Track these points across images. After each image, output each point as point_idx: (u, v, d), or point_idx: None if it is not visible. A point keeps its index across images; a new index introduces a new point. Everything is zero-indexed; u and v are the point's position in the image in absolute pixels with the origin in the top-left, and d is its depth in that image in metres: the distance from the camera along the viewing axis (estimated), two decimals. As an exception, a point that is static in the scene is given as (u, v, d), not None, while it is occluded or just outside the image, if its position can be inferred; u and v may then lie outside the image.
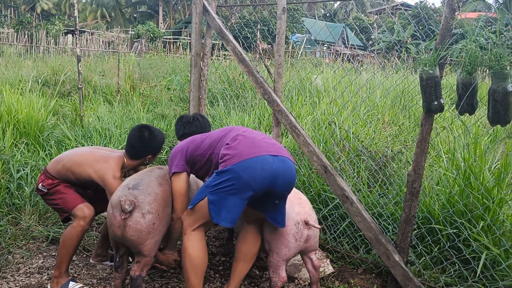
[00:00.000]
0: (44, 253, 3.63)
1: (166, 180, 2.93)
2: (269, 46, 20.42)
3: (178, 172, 2.85)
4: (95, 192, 3.36)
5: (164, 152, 5.36)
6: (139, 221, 2.72)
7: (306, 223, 2.86)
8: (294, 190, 3.09)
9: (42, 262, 3.49)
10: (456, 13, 2.71)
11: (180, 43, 25.52)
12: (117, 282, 2.95)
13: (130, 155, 3.22)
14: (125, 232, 2.72)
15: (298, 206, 2.94)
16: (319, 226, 2.93)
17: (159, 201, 2.80)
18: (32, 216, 4.02)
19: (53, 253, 3.62)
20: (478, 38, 2.51)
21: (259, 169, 2.52)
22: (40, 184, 3.22)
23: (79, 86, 6.42)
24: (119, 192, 2.80)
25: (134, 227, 2.71)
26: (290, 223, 2.85)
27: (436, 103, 2.68)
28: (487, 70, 2.49)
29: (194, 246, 2.69)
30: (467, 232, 3.05)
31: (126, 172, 3.27)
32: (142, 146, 3.21)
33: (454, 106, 2.77)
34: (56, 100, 7.32)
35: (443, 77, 2.84)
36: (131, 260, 3.21)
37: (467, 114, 2.67)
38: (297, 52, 19.24)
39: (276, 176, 2.56)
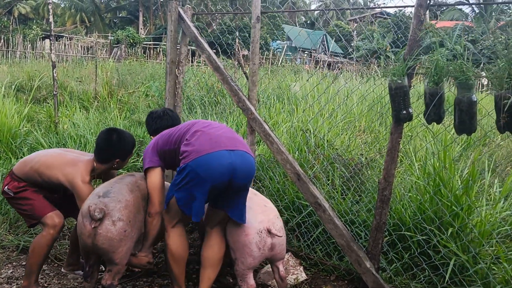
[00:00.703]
0: (14, 263, 3.57)
1: (138, 187, 2.94)
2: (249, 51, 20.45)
3: (152, 167, 2.91)
4: (63, 196, 3.31)
5: (141, 159, 5.33)
6: (109, 229, 2.70)
7: (269, 232, 2.84)
8: (260, 197, 3.11)
9: (11, 272, 3.44)
10: (423, 24, 2.77)
11: (160, 49, 25.43)
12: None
13: (98, 159, 3.16)
14: (95, 240, 2.69)
15: (261, 215, 2.92)
16: (281, 235, 2.87)
17: (130, 208, 2.80)
18: (3, 225, 3.96)
19: (23, 263, 3.56)
20: (455, 46, 2.57)
21: (215, 164, 2.62)
22: (6, 187, 3.14)
23: (54, 93, 6.35)
24: (89, 200, 2.78)
25: (105, 235, 2.69)
26: (253, 231, 2.83)
27: (404, 112, 2.73)
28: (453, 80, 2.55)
29: (175, 241, 2.88)
30: (437, 238, 3.10)
31: (95, 175, 3.24)
32: (110, 149, 3.15)
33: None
34: (31, 106, 7.22)
35: (412, 86, 2.90)
36: (103, 269, 3.18)
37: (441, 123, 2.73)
38: (278, 58, 19.35)
39: (234, 169, 2.66)
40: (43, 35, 27.24)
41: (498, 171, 4.62)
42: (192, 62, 17.39)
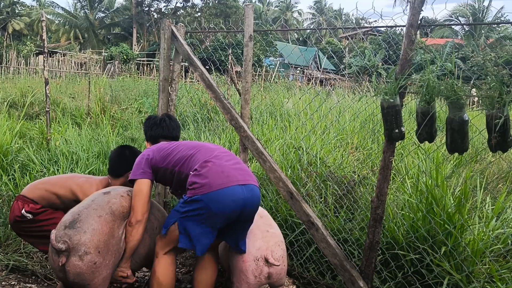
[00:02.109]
0: (3, 283, 3.51)
1: (110, 208, 2.79)
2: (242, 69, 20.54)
3: (143, 179, 2.84)
4: None
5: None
6: (77, 264, 2.58)
7: (267, 261, 2.73)
8: (266, 220, 2.99)
9: (0, 292, 3.38)
10: (425, 39, 2.80)
11: (154, 65, 25.49)
12: None
13: (113, 175, 3.34)
14: (67, 276, 2.61)
15: (260, 241, 2.80)
16: (278, 264, 2.74)
17: (98, 237, 2.64)
18: (-8, 244, 3.90)
19: (13, 282, 3.50)
20: (445, 64, 2.59)
21: (229, 201, 2.58)
22: (23, 211, 3.08)
23: (47, 109, 6.32)
24: (55, 231, 2.67)
25: (74, 271, 2.58)
26: (249, 258, 2.74)
27: (397, 131, 2.74)
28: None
29: (164, 271, 2.78)
30: (430, 257, 3.09)
31: None
32: (124, 164, 3.26)
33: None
34: (23, 123, 7.18)
35: (404, 105, 2.92)
36: None
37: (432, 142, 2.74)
38: (271, 75, 19.45)
39: (245, 206, 2.64)
40: (37, 51, 27.26)
41: (490, 188, 4.63)
42: (185, 78, 17.45)
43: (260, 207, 3.03)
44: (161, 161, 2.83)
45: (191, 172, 2.68)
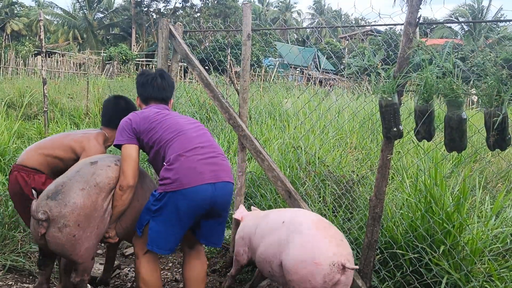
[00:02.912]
0: (1, 283, 3.49)
1: (94, 180, 2.74)
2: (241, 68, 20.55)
3: (131, 144, 2.82)
4: None
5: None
6: (56, 236, 2.62)
7: (343, 267, 2.54)
8: (338, 232, 2.78)
9: (-3, 292, 3.36)
10: (413, 42, 2.78)
11: (153, 66, 25.48)
12: (41, 279, 3.05)
13: (110, 126, 3.29)
14: (49, 245, 2.67)
15: (337, 247, 2.60)
16: (354, 268, 2.58)
17: (78, 211, 2.63)
18: (-11, 244, 3.88)
19: (10, 282, 3.49)
20: (444, 64, 2.58)
21: (198, 199, 2.62)
22: (34, 192, 2.81)
23: (44, 109, 6.31)
24: (37, 200, 2.68)
25: (54, 241, 2.64)
26: (325, 262, 2.53)
27: (395, 129, 2.73)
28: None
29: (147, 270, 2.79)
30: (429, 256, 3.08)
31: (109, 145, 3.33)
32: (120, 114, 3.11)
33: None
34: (21, 123, 7.17)
35: (402, 103, 2.91)
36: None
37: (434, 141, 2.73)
38: (270, 75, 19.44)
39: (214, 203, 2.69)
40: (35, 52, 27.24)
41: (489, 187, 4.62)
42: (184, 78, 17.43)
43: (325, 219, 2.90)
44: (143, 134, 2.82)
45: (164, 163, 2.70)
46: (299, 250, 2.61)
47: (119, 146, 2.83)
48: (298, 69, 28.68)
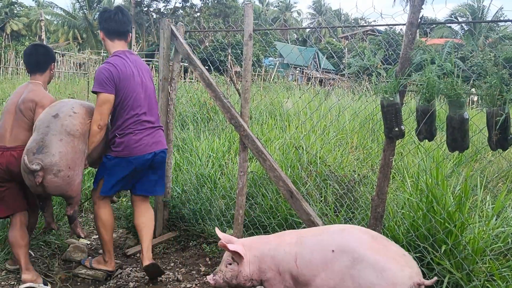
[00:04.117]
0: (3, 282, 3.51)
1: (65, 130, 3.22)
2: (242, 68, 20.54)
3: (109, 94, 3.39)
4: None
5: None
6: (54, 180, 3.14)
7: (419, 286, 2.38)
8: (395, 245, 2.65)
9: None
10: (424, 39, 2.79)
11: (153, 65, 25.47)
12: (47, 219, 3.71)
13: (41, 71, 3.65)
14: (47, 190, 3.19)
15: (408, 268, 2.42)
16: (431, 282, 2.43)
17: (64, 157, 3.16)
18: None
19: (12, 282, 3.50)
20: (444, 63, 2.59)
21: (141, 161, 3.50)
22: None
23: (46, 109, 6.30)
24: (25, 157, 3.09)
25: (52, 185, 3.16)
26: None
27: (397, 129, 2.74)
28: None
29: (104, 212, 3.62)
30: (430, 256, 3.08)
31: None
32: (48, 58, 3.71)
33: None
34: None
35: (404, 103, 2.91)
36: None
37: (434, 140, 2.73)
38: (270, 75, 19.44)
39: (153, 163, 3.60)
40: (35, 52, 27.15)
41: (490, 187, 4.63)
42: (184, 78, 17.42)
43: (375, 233, 2.74)
44: (118, 92, 3.43)
45: (116, 133, 3.46)
46: (376, 285, 2.39)
47: (97, 92, 3.39)
48: (298, 69, 28.68)
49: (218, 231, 2.90)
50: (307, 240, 2.68)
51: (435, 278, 2.48)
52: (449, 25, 35.97)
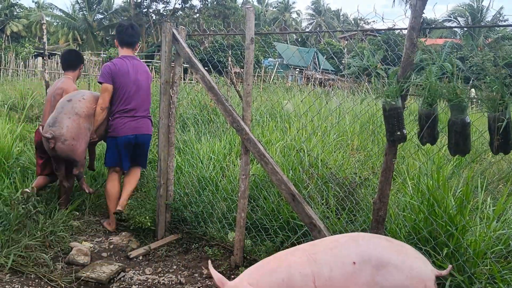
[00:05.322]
0: (7, 286, 3.51)
1: (73, 110, 4.38)
2: (242, 70, 20.58)
3: (110, 84, 4.49)
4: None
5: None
6: (62, 147, 4.34)
7: (438, 278, 2.41)
8: (404, 244, 2.65)
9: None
10: (423, 40, 2.81)
11: (153, 67, 25.47)
12: (60, 178, 4.70)
13: (73, 69, 5.01)
14: (57, 153, 4.38)
15: (428, 263, 2.46)
16: (445, 272, 2.49)
17: (71, 130, 4.33)
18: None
19: (16, 286, 3.50)
20: (444, 64, 2.60)
21: (127, 141, 4.56)
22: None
23: (47, 112, 6.31)
24: (44, 128, 4.36)
25: (60, 151, 4.35)
26: (432, 283, 2.37)
27: (398, 133, 2.75)
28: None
29: (110, 184, 4.71)
30: (432, 259, 3.10)
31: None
32: (74, 60, 5.04)
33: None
34: (23, 125, 7.18)
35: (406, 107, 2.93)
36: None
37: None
38: (269, 76, 19.45)
39: (136, 141, 4.62)
40: (35, 53, 27.21)
41: (490, 189, 4.64)
42: (184, 79, 17.42)
43: (385, 236, 2.75)
44: (114, 84, 4.51)
45: (110, 117, 4.59)
46: (407, 285, 2.36)
47: (100, 82, 4.52)
48: (297, 69, 28.69)
49: (211, 268, 2.59)
50: (322, 256, 2.45)
51: (450, 266, 2.52)
52: (447, 24, 35.95)
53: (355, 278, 2.33)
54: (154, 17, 42.02)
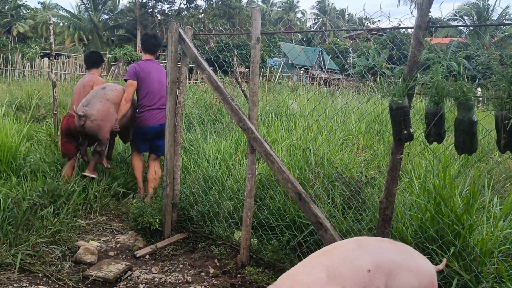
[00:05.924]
0: (15, 284, 3.53)
1: (105, 96, 5.17)
2: (247, 69, 20.61)
3: (134, 81, 5.26)
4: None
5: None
6: (90, 125, 5.07)
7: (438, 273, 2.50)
8: (403, 244, 2.64)
9: (11, 294, 3.40)
10: (429, 39, 2.80)
11: (159, 67, 25.52)
12: (82, 152, 5.47)
13: (96, 67, 5.87)
14: (85, 129, 5.09)
15: (428, 260, 2.52)
16: (441, 266, 2.59)
17: (100, 111, 5.07)
18: (3, 246, 3.92)
19: (24, 284, 3.53)
20: (450, 63, 2.59)
21: (153, 130, 5.30)
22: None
23: (54, 112, 6.38)
24: (78, 107, 5.10)
25: (89, 128, 5.07)
26: (434, 278, 2.43)
27: (405, 132, 2.75)
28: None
29: (135, 160, 5.54)
30: (439, 258, 3.09)
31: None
32: (97, 60, 5.94)
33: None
34: (30, 125, 7.22)
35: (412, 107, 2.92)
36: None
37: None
38: (274, 76, 19.45)
39: (158, 133, 5.27)
40: (41, 54, 27.33)
41: (497, 188, 4.62)
42: (189, 79, 17.46)
43: (387, 239, 2.73)
44: (139, 81, 5.28)
45: (137, 110, 5.34)
46: (419, 285, 2.36)
47: (126, 80, 5.29)
48: (302, 69, 28.67)
49: None
50: (340, 270, 2.30)
51: (445, 260, 2.59)
52: (453, 23, 35.76)
53: (370, 286, 2.27)
54: (159, 17, 42.10)
